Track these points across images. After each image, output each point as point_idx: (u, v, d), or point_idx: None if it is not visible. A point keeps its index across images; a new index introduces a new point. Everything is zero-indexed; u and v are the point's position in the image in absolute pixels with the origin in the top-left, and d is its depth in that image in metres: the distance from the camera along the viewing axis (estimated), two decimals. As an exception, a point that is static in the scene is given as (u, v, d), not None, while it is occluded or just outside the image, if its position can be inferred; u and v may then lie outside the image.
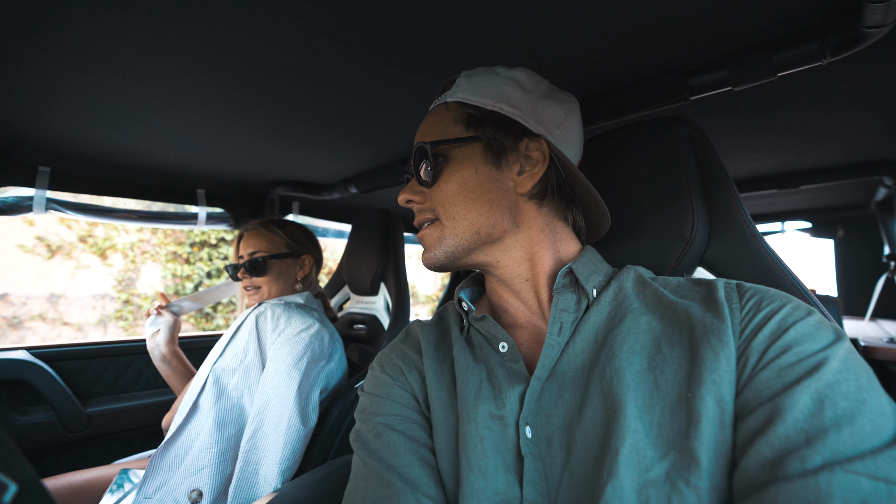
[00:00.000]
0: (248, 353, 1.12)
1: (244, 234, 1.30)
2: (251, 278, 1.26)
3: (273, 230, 1.30)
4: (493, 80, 0.61)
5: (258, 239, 1.28)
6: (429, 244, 0.61)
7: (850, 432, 0.36)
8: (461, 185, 0.58)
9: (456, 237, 0.58)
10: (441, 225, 0.59)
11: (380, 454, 0.54)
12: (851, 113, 1.05)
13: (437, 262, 0.60)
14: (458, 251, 0.59)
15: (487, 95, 0.60)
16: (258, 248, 1.27)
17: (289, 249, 1.31)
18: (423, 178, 0.60)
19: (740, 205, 0.68)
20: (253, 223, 1.31)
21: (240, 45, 0.72)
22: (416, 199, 0.62)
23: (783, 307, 0.46)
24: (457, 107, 0.61)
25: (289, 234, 1.32)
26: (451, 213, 0.58)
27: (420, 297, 6.77)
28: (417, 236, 0.63)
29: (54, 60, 0.76)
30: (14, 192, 1.32)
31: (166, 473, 0.98)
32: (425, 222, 0.62)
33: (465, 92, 0.61)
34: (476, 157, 0.59)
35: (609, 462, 0.42)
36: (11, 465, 0.28)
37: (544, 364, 0.52)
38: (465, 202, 0.58)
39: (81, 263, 4.34)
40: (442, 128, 0.61)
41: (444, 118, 0.61)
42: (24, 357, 1.44)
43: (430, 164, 0.59)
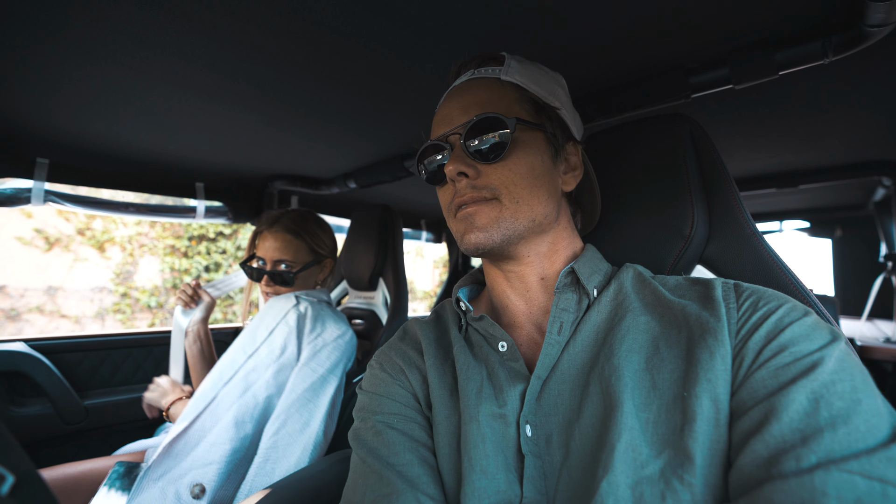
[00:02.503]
0: (287, 351, 1.10)
1: (266, 234, 1.24)
2: (276, 286, 1.24)
3: (301, 237, 1.25)
4: (545, 75, 0.62)
5: (285, 246, 1.22)
6: (482, 223, 0.55)
7: (845, 432, 0.36)
8: (530, 169, 0.57)
9: (516, 221, 0.56)
10: (500, 205, 0.56)
11: (379, 452, 0.54)
12: (851, 113, 1.05)
13: (492, 244, 0.56)
14: (513, 236, 0.56)
15: (545, 89, 0.61)
16: (285, 256, 1.22)
17: (313, 257, 1.29)
18: (487, 153, 0.56)
19: (740, 203, 0.68)
20: (278, 225, 1.24)
21: (240, 38, 0.72)
22: (470, 172, 0.56)
23: (780, 307, 0.46)
24: (514, 89, 0.59)
25: (314, 240, 1.28)
26: (516, 195, 0.56)
27: (418, 293, 6.78)
28: (461, 213, 0.57)
29: (54, 52, 0.76)
30: (12, 183, 1.31)
31: (173, 460, 0.96)
32: (477, 200, 0.56)
33: (523, 76, 0.60)
34: (541, 145, 0.59)
35: (605, 458, 0.43)
36: (9, 456, 0.28)
37: (544, 363, 0.52)
38: (530, 188, 0.56)
39: (79, 256, 4.33)
40: (506, 105, 0.58)
41: (505, 96, 0.58)
42: (22, 349, 1.44)
43: (502, 140, 0.55)
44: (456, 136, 0.58)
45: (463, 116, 0.58)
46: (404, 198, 2.12)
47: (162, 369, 1.74)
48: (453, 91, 0.62)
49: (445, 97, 0.63)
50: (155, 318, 4.67)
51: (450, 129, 0.58)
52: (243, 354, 1.11)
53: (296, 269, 1.24)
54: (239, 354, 1.12)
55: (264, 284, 1.24)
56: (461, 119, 0.58)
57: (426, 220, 2.68)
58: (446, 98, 0.62)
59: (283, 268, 1.23)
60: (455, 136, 0.58)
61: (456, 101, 0.60)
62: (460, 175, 0.56)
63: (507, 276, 0.62)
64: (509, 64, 0.60)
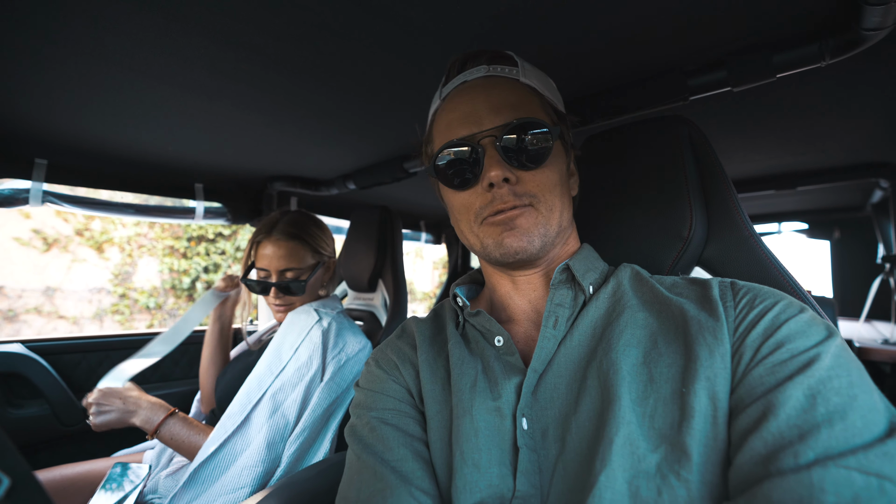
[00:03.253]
0: (312, 368, 1.07)
1: (266, 243, 1.17)
2: (285, 297, 1.19)
3: (303, 241, 1.19)
4: (549, 80, 0.63)
5: (289, 253, 1.16)
6: (525, 228, 0.54)
7: (842, 428, 0.36)
8: (560, 175, 0.58)
9: (549, 228, 0.56)
10: (536, 212, 0.55)
11: (373, 448, 0.54)
12: (849, 115, 1.05)
13: (533, 249, 0.55)
14: (548, 243, 0.57)
15: (554, 95, 0.62)
16: (291, 264, 1.16)
17: (318, 259, 1.23)
18: (528, 158, 0.55)
19: (738, 205, 0.68)
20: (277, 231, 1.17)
21: (239, 39, 0.72)
22: (511, 178, 0.54)
23: (776, 304, 0.46)
24: (534, 93, 0.59)
25: (316, 242, 1.23)
26: (550, 203, 0.56)
27: (417, 294, 6.78)
28: (502, 216, 0.55)
29: (52, 52, 0.76)
30: (10, 184, 1.31)
31: (200, 486, 0.92)
32: (516, 206, 0.55)
33: (538, 81, 0.60)
34: (562, 153, 0.60)
35: (602, 451, 0.43)
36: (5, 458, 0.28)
37: (540, 356, 0.53)
38: (560, 194, 0.57)
39: (78, 257, 4.32)
40: (533, 110, 0.57)
41: (530, 101, 0.58)
42: (20, 350, 1.43)
43: (545, 145, 0.54)
44: (490, 137, 0.55)
45: (496, 118, 0.55)
46: (403, 199, 2.12)
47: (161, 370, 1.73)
48: (471, 87, 0.59)
49: (458, 90, 0.60)
50: (153, 318, 4.66)
51: (480, 129, 0.55)
52: (270, 375, 1.07)
53: (304, 276, 1.19)
54: (266, 375, 1.07)
55: (273, 297, 1.18)
56: (494, 120, 0.55)
57: (425, 222, 2.68)
58: (461, 92, 0.59)
59: (290, 276, 1.17)
60: (489, 137, 0.55)
61: (481, 98, 0.57)
62: (504, 181, 0.54)
63: (516, 280, 0.62)
64: (523, 66, 0.59)
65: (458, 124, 0.57)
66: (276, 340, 1.13)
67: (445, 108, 0.60)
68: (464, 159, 0.56)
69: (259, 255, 1.18)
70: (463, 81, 0.60)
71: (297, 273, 1.17)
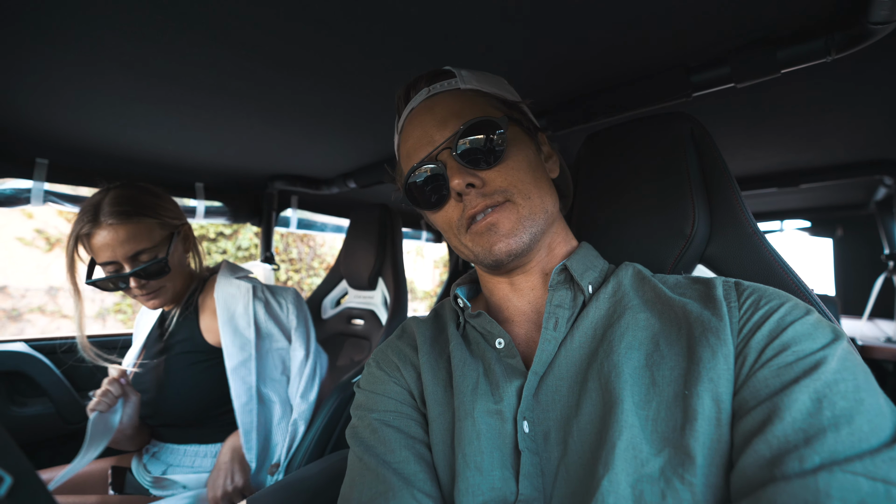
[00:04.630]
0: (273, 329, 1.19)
1: (97, 231, 0.99)
2: (149, 282, 1.04)
3: (142, 215, 1.02)
4: (493, 77, 0.64)
5: (134, 235, 1.00)
6: (508, 229, 0.54)
7: (849, 432, 0.36)
8: (528, 163, 0.58)
9: (535, 217, 0.56)
10: (515, 206, 0.55)
11: (375, 450, 0.54)
12: (853, 112, 1.04)
13: (521, 246, 0.55)
14: (537, 232, 0.56)
15: (501, 89, 0.62)
16: (141, 245, 1.01)
17: (169, 231, 1.08)
18: (484, 158, 0.55)
19: (742, 202, 0.68)
20: (105, 215, 0.98)
21: (239, 37, 0.72)
22: (476, 182, 0.54)
23: (782, 306, 0.45)
24: (477, 94, 0.60)
25: (158, 213, 1.06)
26: (526, 192, 0.55)
27: (418, 293, 6.78)
28: (482, 223, 0.55)
29: (52, 52, 0.76)
30: (12, 183, 1.31)
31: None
32: (491, 206, 0.54)
33: (479, 82, 0.60)
34: (526, 138, 0.60)
35: (605, 456, 0.42)
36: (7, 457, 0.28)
37: (541, 359, 0.52)
38: (534, 181, 0.57)
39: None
40: (479, 110, 0.57)
41: (474, 103, 0.58)
42: (23, 349, 1.44)
43: (497, 142, 0.55)
44: (445, 150, 0.56)
45: (445, 130, 0.56)
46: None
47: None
48: (417, 111, 0.60)
49: (408, 120, 0.61)
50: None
51: (434, 146, 0.56)
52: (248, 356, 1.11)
53: (161, 253, 1.04)
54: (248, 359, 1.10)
55: (136, 287, 1.02)
56: (444, 133, 0.56)
57: (426, 220, 2.68)
58: (410, 120, 0.60)
59: (145, 259, 1.02)
60: (444, 151, 0.56)
61: (427, 118, 0.58)
62: (469, 187, 0.54)
63: (514, 281, 0.61)
64: (461, 74, 0.61)
65: (414, 150, 0.59)
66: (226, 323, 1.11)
67: (402, 140, 0.62)
68: (429, 178, 0.57)
69: (94, 248, 1.00)
70: (410, 109, 0.61)
71: (151, 253, 1.03)
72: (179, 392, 1.10)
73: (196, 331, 1.15)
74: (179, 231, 1.12)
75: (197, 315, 1.18)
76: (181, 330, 1.16)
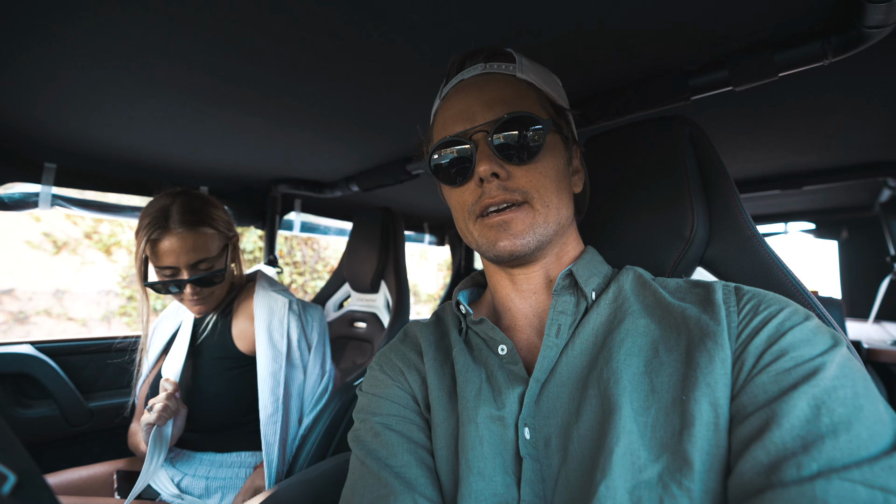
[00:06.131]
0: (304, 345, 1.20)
1: (164, 238, 1.02)
2: (202, 290, 1.08)
3: (205, 225, 1.06)
4: (551, 75, 0.63)
5: (195, 244, 1.04)
6: (519, 230, 0.54)
7: (847, 439, 0.36)
8: (557, 171, 0.57)
9: (548, 226, 0.55)
10: (532, 210, 0.54)
11: (377, 454, 0.54)
12: (855, 113, 1.04)
13: (527, 250, 0.54)
14: (545, 241, 0.56)
15: (555, 91, 0.61)
16: (202, 255, 1.05)
17: (224, 242, 1.13)
18: (518, 154, 0.54)
19: (740, 205, 0.68)
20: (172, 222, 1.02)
21: (242, 43, 0.73)
22: (501, 173, 0.53)
23: (781, 311, 0.45)
24: (531, 88, 0.58)
25: (219, 224, 1.11)
26: (546, 199, 0.55)
27: (422, 296, 6.78)
28: (495, 218, 0.54)
29: (60, 59, 0.77)
30: (20, 187, 1.33)
31: None
32: (509, 203, 0.54)
33: (537, 76, 0.60)
34: (560, 147, 0.59)
35: (603, 462, 0.42)
36: (11, 455, 0.28)
37: (542, 365, 0.52)
38: (556, 190, 0.56)
39: (87, 259, 4.37)
40: (529, 105, 0.56)
41: (526, 95, 0.57)
42: (29, 351, 1.45)
43: (536, 141, 0.54)
44: (482, 133, 0.55)
45: (488, 113, 0.55)
46: (406, 201, 2.12)
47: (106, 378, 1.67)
48: (467, 84, 0.59)
49: (455, 89, 0.60)
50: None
51: (473, 125, 0.55)
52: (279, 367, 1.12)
53: (218, 264, 1.09)
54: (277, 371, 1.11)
55: (191, 294, 1.06)
56: (486, 115, 0.55)
57: (429, 223, 2.68)
58: (458, 91, 0.59)
59: (203, 268, 1.06)
60: (481, 133, 0.55)
61: (475, 95, 0.57)
62: (493, 176, 0.54)
63: (515, 279, 0.61)
64: (521, 62, 0.59)
65: (452, 121, 0.57)
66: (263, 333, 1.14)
67: (443, 107, 0.61)
68: (457, 156, 0.56)
69: (159, 252, 1.02)
70: (460, 80, 0.60)
71: (210, 263, 1.07)
72: (208, 398, 1.10)
73: (228, 337, 1.16)
74: (231, 241, 1.17)
75: (230, 321, 1.18)
76: (214, 335, 1.17)
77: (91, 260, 4.39)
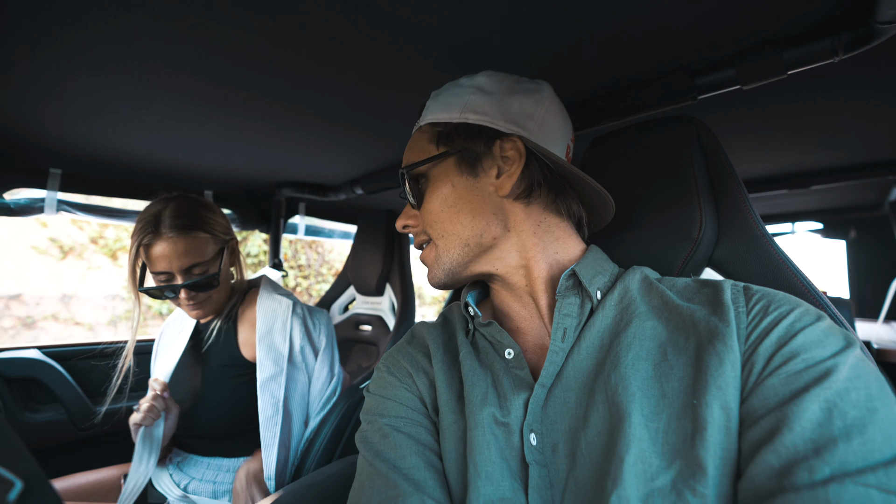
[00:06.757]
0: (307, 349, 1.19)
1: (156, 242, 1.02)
2: (198, 294, 1.08)
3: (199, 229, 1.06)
4: (456, 92, 0.62)
5: (188, 248, 1.04)
6: (429, 264, 0.62)
7: (861, 443, 0.35)
8: (442, 201, 0.59)
9: (449, 254, 0.60)
10: (434, 245, 0.61)
11: (386, 455, 0.54)
12: (864, 112, 1.03)
13: (440, 281, 0.62)
14: (454, 267, 0.60)
15: (453, 109, 0.61)
16: (195, 260, 1.05)
17: (220, 245, 1.13)
18: (412, 202, 0.62)
19: (749, 205, 0.67)
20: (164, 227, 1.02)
21: (245, 47, 0.73)
22: (411, 223, 0.64)
23: (791, 312, 0.44)
24: (428, 128, 0.63)
25: (213, 228, 1.11)
26: (440, 231, 0.60)
27: (426, 299, 6.78)
28: (420, 258, 0.64)
29: (64, 65, 0.78)
30: (26, 193, 1.34)
31: None
32: (423, 244, 0.63)
33: (433, 112, 0.62)
34: (451, 171, 0.60)
35: (614, 471, 0.42)
36: (18, 462, 0.28)
37: (548, 371, 0.52)
38: (448, 217, 0.59)
39: (93, 264, 4.40)
40: (418, 150, 0.62)
41: (419, 140, 0.63)
42: (37, 356, 1.46)
43: (413, 188, 0.62)
44: (402, 192, 0.65)
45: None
46: (411, 203, 2.12)
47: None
48: None
49: None
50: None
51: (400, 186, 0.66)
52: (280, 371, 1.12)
53: (212, 268, 1.09)
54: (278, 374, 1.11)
55: (186, 299, 1.07)
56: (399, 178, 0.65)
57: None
58: None
59: (197, 272, 1.06)
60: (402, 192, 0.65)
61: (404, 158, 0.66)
62: (405, 228, 0.65)
63: (499, 284, 0.63)
64: (427, 107, 0.65)
65: None
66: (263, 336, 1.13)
67: None
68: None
69: (151, 257, 1.02)
70: None
71: (203, 267, 1.07)
72: (215, 405, 1.11)
73: (234, 344, 1.16)
74: (228, 245, 1.16)
75: (235, 328, 1.18)
76: (219, 343, 1.17)
77: (97, 265, 4.43)
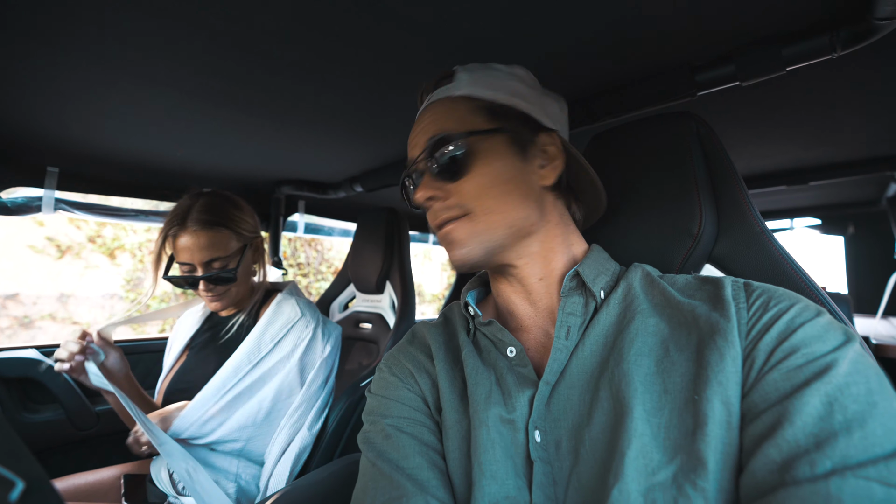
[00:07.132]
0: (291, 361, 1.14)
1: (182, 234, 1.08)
2: (216, 287, 1.12)
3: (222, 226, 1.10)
4: (497, 75, 0.61)
5: (209, 242, 1.08)
6: (460, 240, 0.56)
7: (861, 436, 0.35)
8: (495, 177, 0.56)
9: (493, 232, 0.56)
10: (473, 220, 0.56)
11: (389, 455, 0.54)
12: (862, 107, 1.03)
13: (473, 259, 0.56)
14: (494, 247, 0.56)
15: (499, 90, 0.60)
16: (215, 254, 1.09)
17: (243, 243, 1.16)
18: (449, 172, 0.57)
19: (749, 201, 0.67)
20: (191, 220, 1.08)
21: (245, 44, 0.72)
22: (439, 194, 0.57)
23: (791, 307, 0.45)
24: (467, 100, 0.59)
25: (237, 224, 1.14)
26: (487, 206, 0.55)
27: (426, 296, 6.78)
28: (440, 234, 0.58)
29: (63, 62, 0.77)
30: (23, 192, 1.33)
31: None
32: (452, 219, 0.57)
33: (471, 86, 0.60)
34: (503, 148, 0.58)
35: (615, 465, 0.42)
36: (20, 462, 0.28)
37: (553, 368, 0.52)
38: (499, 195, 0.56)
39: (90, 263, 4.39)
40: (458, 119, 0.58)
41: (456, 110, 0.59)
42: (34, 356, 1.45)
43: (459, 156, 0.56)
44: (422, 162, 0.60)
45: (424, 141, 0.60)
46: (410, 201, 2.12)
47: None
48: (418, 118, 0.64)
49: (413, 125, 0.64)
50: (165, 323, 4.71)
51: (414, 156, 0.61)
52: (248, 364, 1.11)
53: (232, 263, 1.12)
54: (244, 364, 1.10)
55: (203, 290, 1.12)
56: (422, 144, 0.59)
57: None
58: (414, 126, 0.64)
59: (217, 266, 1.10)
60: (421, 162, 0.60)
61: (418, 127, 0.62)
62: (430, 200, 0.58)
63: (509, 280, 0.61)
64: (459, 77, 0.61)
65: (409, 155, 0.63)
66: (258, 331, 1.14)
67: None
68: (411, 185, 0.64)
69: (177, 248, 1.08)
70: (419, 114, 0.65)
71: (223, 262, 1.10)
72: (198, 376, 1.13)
73: None
74: (252, 243, 1.19)
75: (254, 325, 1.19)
76: (239, 337, 1.18)
77: (95, 264, 4.41)
